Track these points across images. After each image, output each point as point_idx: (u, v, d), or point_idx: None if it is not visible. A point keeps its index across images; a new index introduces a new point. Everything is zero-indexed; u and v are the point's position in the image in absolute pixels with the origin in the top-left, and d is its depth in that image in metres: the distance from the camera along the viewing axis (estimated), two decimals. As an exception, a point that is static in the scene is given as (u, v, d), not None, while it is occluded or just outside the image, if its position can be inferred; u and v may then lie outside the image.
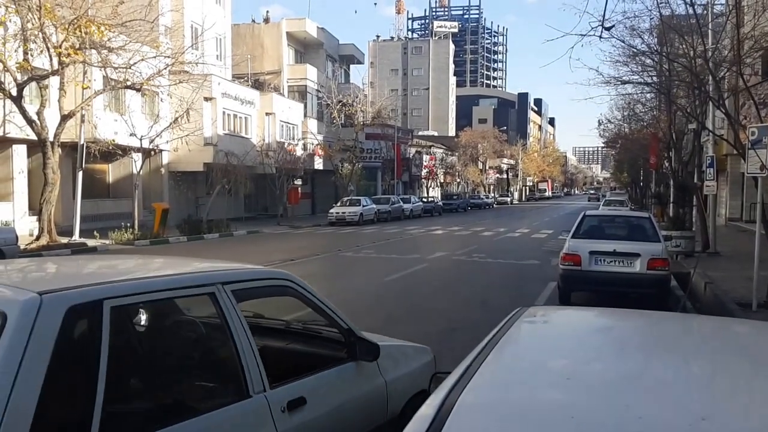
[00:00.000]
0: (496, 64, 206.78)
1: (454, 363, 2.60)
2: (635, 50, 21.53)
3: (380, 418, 4.58)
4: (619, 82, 23.72)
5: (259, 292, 4.11)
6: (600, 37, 13.08)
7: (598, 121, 52.05)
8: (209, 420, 3.26)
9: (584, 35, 12.05)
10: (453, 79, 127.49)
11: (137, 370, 3.49)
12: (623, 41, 20.10)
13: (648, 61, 22.66)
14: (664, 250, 12.55)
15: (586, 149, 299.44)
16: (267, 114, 46.28)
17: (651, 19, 20.96)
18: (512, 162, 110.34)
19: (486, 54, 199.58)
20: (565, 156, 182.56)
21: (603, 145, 68.07)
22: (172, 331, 3.89)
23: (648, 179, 53.72)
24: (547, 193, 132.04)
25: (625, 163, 66.27)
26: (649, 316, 3.78)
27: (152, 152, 30.50)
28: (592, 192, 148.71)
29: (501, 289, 15.12)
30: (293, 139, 49.67)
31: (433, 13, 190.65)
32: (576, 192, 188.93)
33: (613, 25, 15.14)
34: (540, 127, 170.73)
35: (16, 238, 18.62)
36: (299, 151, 48.33)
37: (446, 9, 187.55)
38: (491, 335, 2.84)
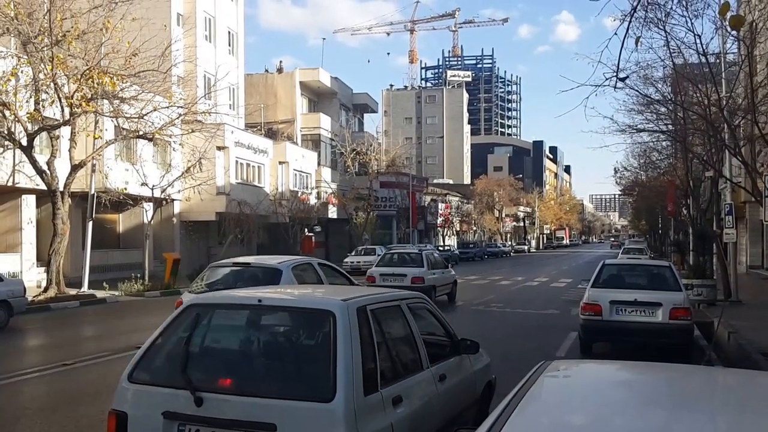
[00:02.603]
0: (510, 113, 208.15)
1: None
2: (649, 99, 21.50)
3: (473, 395, 6.69)
4: (634, 130, 23.71)
5: (415, 305, 6.12)
6: (615, 87, 12.97)
7: (615, 168, 52.09)
8: (411, 381, 5.22)
9: (599, 86, 11.94)
10: (467, 128, 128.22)
11: (384, 343, 5.19)
12: (637, 90, 20.08)
13: (662, 109, 22.65)
14: (686, 299, 12.40)
15: (603, 197, 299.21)
16: (280, 163, 46.41)
17: (664, 68, 20.99)
18: (529, 210, 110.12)
19: (500, 102, 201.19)
20: (582, 203, 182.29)
21: (620, 192, 67.84)
22: (394, 321, 5.64)
23: (666, 227, 53.34)
24: (564, 241, 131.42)
25: (643, 211, 65.93)
26: (675, 370, 3.82)
27: (164, 202, 30.56)
28: (613, 239, 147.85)
29: (521, 340, 14.92)
30: (307, 187, 49.79)
31: (446, 63, 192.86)
32: (594, 240, 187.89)
33: (628, 76, 15.07)
34: (556, 174, 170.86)
35: (24, 290, 18.40)
36: (313, 200, 48.43)
37: (459, 58, 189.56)
38: (515, 391, 2.90)
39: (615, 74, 9.39)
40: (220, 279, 11.76)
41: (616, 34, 10.01)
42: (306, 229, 45.38)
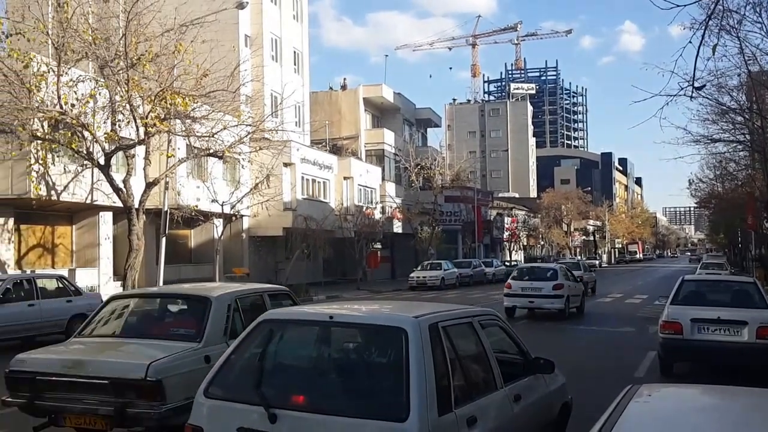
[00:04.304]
0: (576, 124, 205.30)
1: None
2: (724, 108, 21.10)
3: (549, 417, 6.48)
4: (709, 140, 23.20)
5: (487, 322, 6.06)
6: (691, 97, 12.86)
7: (689, 180, 50.86)
8: (486, 401, 5.15)
9: (674, 95, 11.83)
10: (532, 140, 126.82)
11: (457, 361, 5.15)
12: (712, 99, 19.74)
13: (738, 118, 22.13)
14: None
15: (678, 209, 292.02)
16: (345, 178, 46.80)
17: (739, 75, 20.50)
18: (599, 223, 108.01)
19: (565, 114, 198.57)
20: (655, 216, 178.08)
21: (695, 205, 66.11)
22: (466, 338, 5.60)
23: (747, 240, 51.75)
24: (637, 255, 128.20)
25: (721, 224, 64.12)
26: (766, 396, 3.70)
27: (233, 218, 31.16)
28: (691, 253, 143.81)
29: (596, 360, 14.55)
30: (371, 202, 49.99)
31: (510, 76, 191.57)
32: (668, 254, 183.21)
33: (704, 85, 14.88)
34: (626, 187, 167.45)
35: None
36: (378, 215, 48.60)
37: (522, 71, 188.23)
38: (605, 417, 2.88)
39: (690, 83, 9.43)
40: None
41: (690, 42, 10.04)
42: (371, 244, 45.63)
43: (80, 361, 7.25)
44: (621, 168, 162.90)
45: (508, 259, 70.38)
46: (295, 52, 45.92)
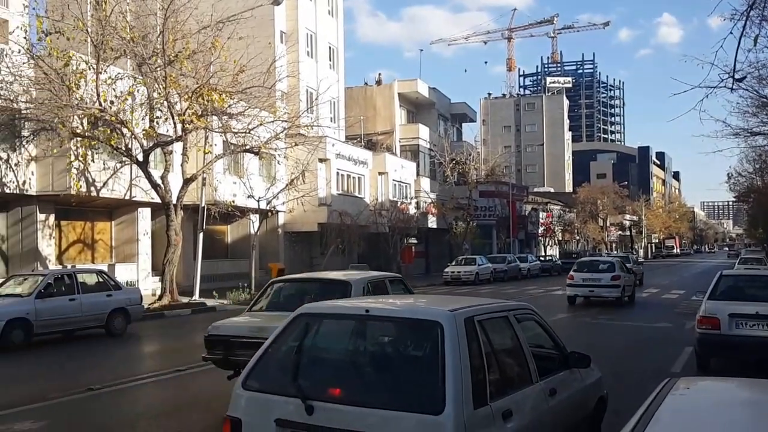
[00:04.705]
0: (613, 118, 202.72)
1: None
2: (765, 100, 20.66)
3: (584, 411, 6.46)
4: (749, 134, 22.77)
5: (522, 316, 6.02)
6: (731, 89, 12.57)
7: (728, 174, 49.90)
8: (521, 395, 5.11)
9: (714, 87, 11.54)
10: (568, 134, 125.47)
11: (493, 354, 5.12)
12: (753, 91, 19.33)
13: (780, 111, 21.68)
14: None
15: (716, 204, 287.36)
16: (380, 173, 46.69)
17: (780, 67, 20.00)
18: (635, 218, 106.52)
19: (602, 108, 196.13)
20: (693, 211, 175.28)
21: (734, 199, 64.91)
22: (502, 332, 5.58)
23: (787, 235, 50.71)
24: (674, 250, 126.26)
25: (760, 218, 62.93)
26: None
27: (269, 213, 31.21)
28: (729, 248, 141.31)
29: (632, 354, 14.41)
30: (406, 197, 49.83)
31: (546, 69, 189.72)
32: (706, 249, 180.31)
33: (745, 77, 14.54)
34: (663, 181, 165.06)
35: (141, 298, 19.26)
36: (412, 210, 48.45)
37: (559, 65, 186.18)
38: (643, 410, 2.86)
39: (730, 75, 9.20)
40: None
41: (731, 33, 9.76)
42: (405, 239, 45.49)
43: (263, 327, 8.88)
44: (658, 162, 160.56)
45: (543, 254, 69.63)
46: (330, 47, 45.87)
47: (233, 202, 28.49)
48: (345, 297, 9.59)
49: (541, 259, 59.75)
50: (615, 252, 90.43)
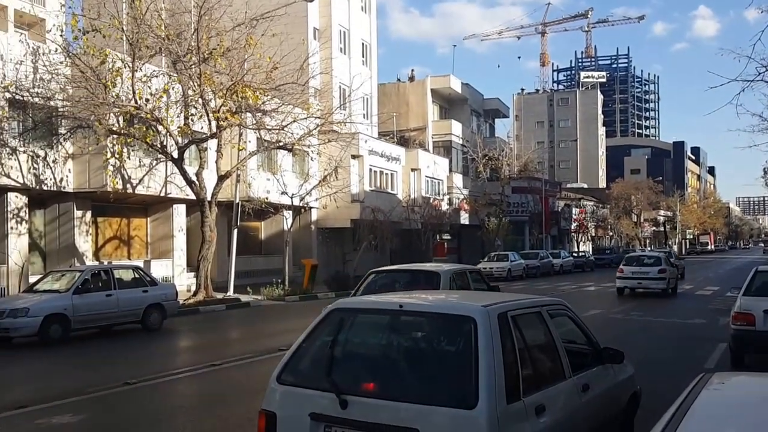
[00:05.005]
0: (647, 113, 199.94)
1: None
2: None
3: (617, 407, 6.42)
4: (785, 128, 22.16)
5: (555, 311, 5.97)
6: (769, 81, 12.26)
7: (764, 169, 48.90)
8: (554, 390, 5.10)
9: (750, 81, 11.29)
10: (602, 130, 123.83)
11: (526, 350, 5.09)
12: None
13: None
14: None
15: (751, 199, 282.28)
16: (412, 170, 46.46)
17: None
18: (669, 214, 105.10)
19: (636, 103, 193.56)
20: (728, 207, 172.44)
21: (770, 194, 63.50)
22: (535, 327, 5.52)
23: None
24: (709, 246, 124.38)
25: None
26: None
27: (302, 210, 31.31)
28: (764, 244, 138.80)
29: (665, 351, 14.25)
30: (439, 194, 49.57)
31: (579, 64, 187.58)
32: (741, 245, 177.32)
33: (784, 69, 14.21)
34: (698, 176, 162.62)
35: (176, 294, 19.36)
36: (445, 206, 48.16)
37: (593, 59, 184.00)
38: (677, 404, 2.85)
39: None
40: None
41: None
42: (438, 236, 45.22)
43: None
44: (693, 157, 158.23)
45: (576, 250, 68.96)
46: (363, 43, 45.68)
47: (267, 198, 28.58)
48: (435, 285, 11.70)
49: (574, 255, 59.14)
50: (648, 248, 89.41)
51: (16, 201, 23.23)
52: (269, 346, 14.23)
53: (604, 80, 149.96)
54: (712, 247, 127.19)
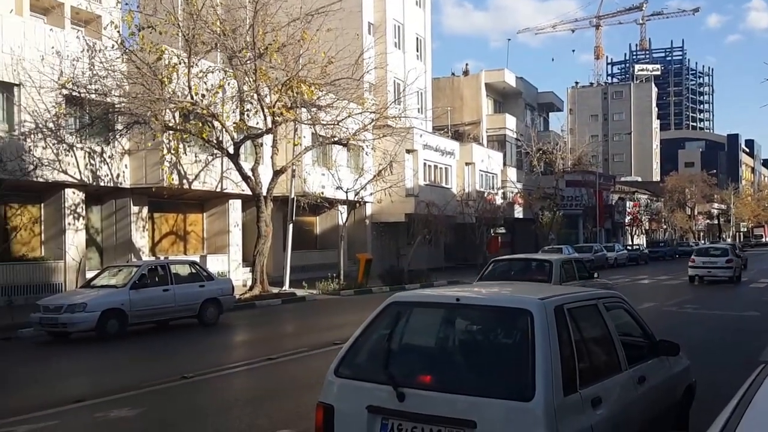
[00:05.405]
0: (701, 106, 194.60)
1: None
2: None
3: (673, 399, 6.24)
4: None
5: (611, 304, 5.80)
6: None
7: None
8: (610, 383, 4.96)
9: None
10: (656, 123, 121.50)
11: (582, 342, 4.98)
12: None
13: None
14: None
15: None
16: (466, 164, 45.79)
17: None
18: (723, 207, 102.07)
19: (690, 95, 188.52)
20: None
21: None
22: (591, 320, 5.38)
23: None
24: (763, 239, 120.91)
25: None
26: None
27: (357, 204, 30.84)
28: None
29: (719, 343, 13.90)
30: (493, 188, 48.83)
31: (634, 57, 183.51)
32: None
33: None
34: (753, 169, 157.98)
35: (232, 288, 19.06)
36: (499, 200, 47.31)
37: (647, 52, 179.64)
38: (739, 396, 2.78)
39: None
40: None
41: None
42: (492, 230, 44.41)
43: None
44: (747, 149, 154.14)
45: (630, 243, 67.42)
46: (417, 38, 44.96)
47: (322, 193, 28.14)
48: (547, 272, 14.01)
49: (628, 248, 58.44)
50: (702, 241, 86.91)
51: (73, 197, 23.04)
52: (324, 340, 14.11)
53: (658, 73, 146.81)
54: (767, 239, 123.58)
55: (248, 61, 22.70)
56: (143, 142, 22.84)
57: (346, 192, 29.21)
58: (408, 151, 37.10)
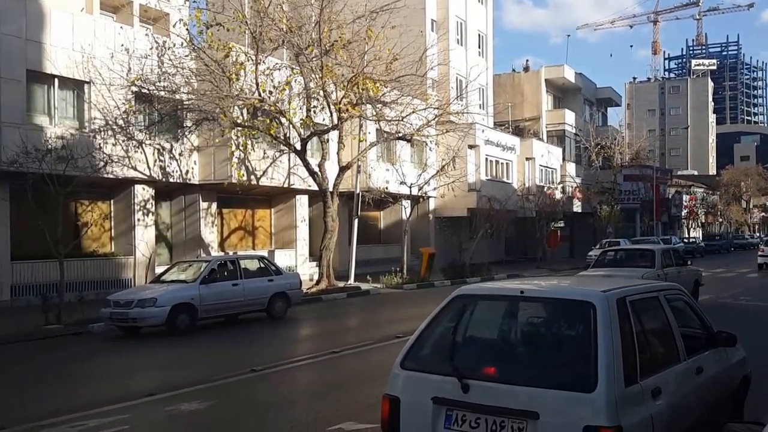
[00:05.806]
0: (756, 100, 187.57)
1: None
2: None
3: (729, 389, 6.08)
4: None
5: (672, 297, 5.64)
6: None
7: None
8: (670, 374, 4.89)
9: None
10: (712, 117, 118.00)
11: (643, 334, 4.84)
12: None
13: None
14: None
15: None
16: (527, 159, 44.65)
17: None
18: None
19: (746, 90, 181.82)
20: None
21: None
22: (652, 312, 5.24)
23: None
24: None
25: None
26: None
27: (420, 199, 30.50)
28: None
29: None
30: (552, 182, 47.54)
31: (690, 52, 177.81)
32: None
33: None
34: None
35: (300, 283, 18.68)
36: (558, 195, 46.18)
37: (703, 47, 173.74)
38: None
39: None
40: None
41: None
42: (551, 223, 43.18)
43: (610, 274, 10.67)
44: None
45: (686, 236, 65.12)
46: (479, 35, 43.78)
47: (386, 188, 27.66)
48: (649, 259, 15.81)
49: (685, 241, 56.94)
50: (758, 234, 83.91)
51: (142, 193, 22.67)
52: (387, 333, 13.94)
53: (714, 68, 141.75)
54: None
55: (314, 58, 22.11)
56: (212, 138, 22.48)
57: (410, 187, 28.68)
58: (470, 147, 36.11)
